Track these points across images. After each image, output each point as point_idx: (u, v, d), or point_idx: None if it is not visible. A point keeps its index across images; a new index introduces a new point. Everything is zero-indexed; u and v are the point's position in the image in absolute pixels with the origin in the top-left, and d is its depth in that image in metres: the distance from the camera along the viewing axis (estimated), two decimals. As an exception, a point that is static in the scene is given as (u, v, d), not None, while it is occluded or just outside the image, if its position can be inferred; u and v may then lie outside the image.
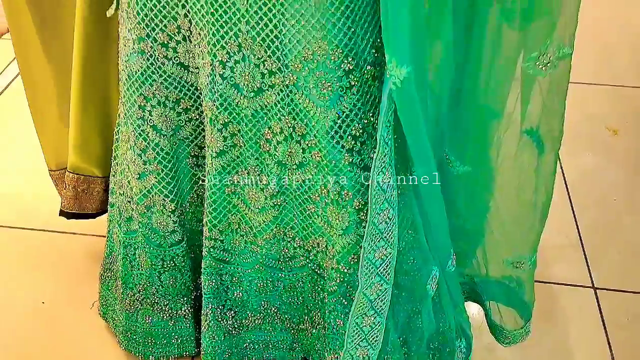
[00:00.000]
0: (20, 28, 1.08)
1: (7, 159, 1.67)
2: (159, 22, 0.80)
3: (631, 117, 1.85)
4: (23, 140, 1.65)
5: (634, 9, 2.41)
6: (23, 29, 1.08)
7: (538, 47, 0.69)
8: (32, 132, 1.21)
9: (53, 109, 1.18)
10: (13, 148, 1.69)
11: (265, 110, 0.82)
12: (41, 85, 1.15)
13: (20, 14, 1.06)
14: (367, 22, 0.74)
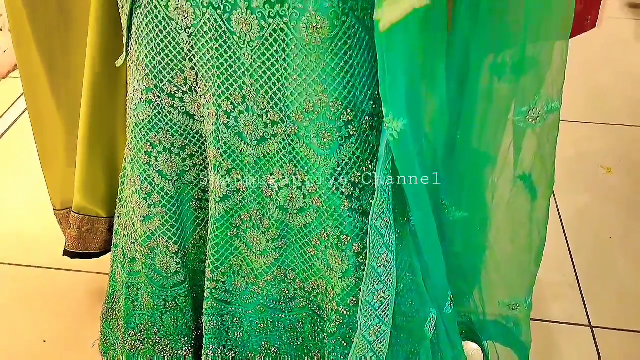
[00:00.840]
0: (30, 72, 1.12)
1: (11, 196, 1.69)
2: (166, 74, 0.83)
3: (624, 156, 1.89)
4: (28, 178, 1.68)
5: (625, 51, 2.48)
6: (33, 74, 1.12)
7: (528, 102, 0.73)
8: (38, 170, 1.24)
9: (60, 151, 1.21)
10: (18, 185, 1.72)
11: (268, 158, 0.85)
12: (49, 127, 1.19)
13: (32, 59, 1.10)
14: (365, 76, 0.78)
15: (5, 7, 1.04)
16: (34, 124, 1.20)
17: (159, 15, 0.79)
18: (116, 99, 1.07)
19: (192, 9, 0.76)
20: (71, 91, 1.11)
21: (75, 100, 1.10)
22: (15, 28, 1.06)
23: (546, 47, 0.73)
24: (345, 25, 0.73)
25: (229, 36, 0.76)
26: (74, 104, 1.11)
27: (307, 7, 0.70)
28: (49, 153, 1.23)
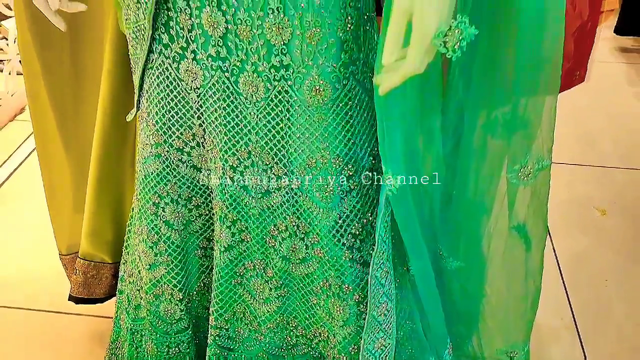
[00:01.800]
0: (42, 121, 1.16)
1: (16, 239, 1.72)
2: (175, 130, 0.87)
3: (618, 198, 1.93)
4: (34, 221, 1.70)
5: (616, 94, 2.54)
6: (45, 122, 1.16)
7: (519, 159, 0.77)
8: (43, 213, 1.27)
9: (68, 197, 1.25)
10: (23, 228, 1.75)
11: (272, 210, 0.88)
12: (58, 174, 1.22)
13: (44, 109, 1.15)
14: (365, 134, 0.82)
15: (21, 57, 1.09)
16: (43, 171, 1.24)
17: (170, 76, 0.83)
18: (125, 149, 1.11)
19: (202, 72, 0.80)
20: (81, 140, 1.15)
21: (84, 149, 1.14)
22: (29, 78, 1.11)
23: (536, 105, 0.78)
24: (346, 88, 0.77)
25: (236, 96, 0.80)
26: (84, 152, 1.15)
27: (310, 71, 0.75)
28: (57, 199, 1.26)
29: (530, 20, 0.70)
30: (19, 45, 1.05)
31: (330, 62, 0.75)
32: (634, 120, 2.36)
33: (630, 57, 2.85)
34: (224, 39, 0.77)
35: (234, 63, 0.78)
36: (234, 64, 0.78)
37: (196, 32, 0.78)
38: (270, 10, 0.72)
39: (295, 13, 0.72)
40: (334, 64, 0.75)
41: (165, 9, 0.78)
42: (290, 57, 0.75)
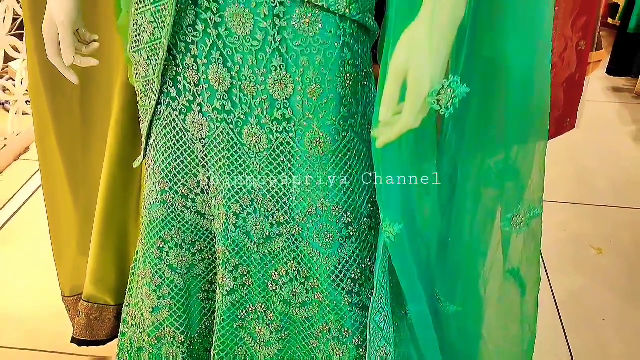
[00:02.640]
0: (50, 165, 1.20)
1: (19, 279, 1.73)
2: (181, 178, 0.91)
3: (613, 236, 1.95)
4: (36, 261, 1.72)
5: (609, 133, 2.60)
6: (53, 167, 1.20)
7: (512, 209, 0.80)
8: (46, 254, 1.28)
9: (73, 239, 1.27)
10: (26, 268, 1.76)
11: (273, 255, 0.91)
12: (64, 218, 1.25)
13: (52, 154, 1.18)
14: (363, 182, 0.85)
15: (31, 103, 1.13)
16: (49, 212, 1.27)
17: (177, 127, 0.87)
18: (130, 195, 1.14)
19: (208, 123, 0.84)
20: (88, 184, 1.18)
21: (91, 193, 1.17)
22: (38, 123, 1.15)
23: (527, 154, 0.81)
24: (345, 140, 0.81)
25: (240, 147, 0.84)
26: (90, 196, 1.18)
27: (311, 124, 0.79)
28: (62, 240, 1.28)
29: (520, 77, 0.74)
30: (29, 91, 1.10)
31: (330, 116, 0.78)
32: (627, 159, 2.40)
33: (622, 96, 2.92)
34: (229, 93, 0.81)
35: (238, 116, 0.82)
36: (239, 116, 0.82)
37: (203, 87, 0.82)
38: (273, 67, 0.76)
39: (297, 71, 0.76)
40: (333, 118, 0.79)
41: (173, 65, 0.82)
42: (292, 111, 0.79)
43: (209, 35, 0.78)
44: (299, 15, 0.73)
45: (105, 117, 1.08)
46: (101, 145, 1.10)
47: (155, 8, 0.76)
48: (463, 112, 0.76)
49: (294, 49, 0.75)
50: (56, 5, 0.83)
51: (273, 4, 0.73)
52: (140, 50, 0.82)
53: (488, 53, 0.72)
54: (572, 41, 1.05)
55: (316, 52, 0.75)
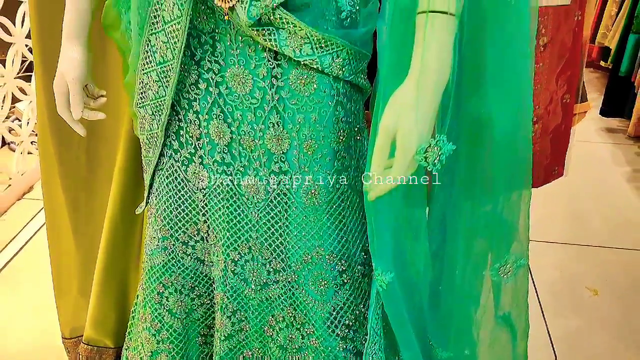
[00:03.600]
0: (55, 209, 1.24)
1: (19, 319, 1.74)
2: (181, 226, 0.94)
3: (608, 277, 1.97)
4: (37, 301, 1.74)
5: (602, 173, 2.64)
6: (57, 211, 1.23)
7: (499, 259, 0.83)
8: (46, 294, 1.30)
9: (74, 281, 1.30)
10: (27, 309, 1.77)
11: (270, 301, 0.94)
12: (66, 259, 1.28)
13: (57, 199, 1.22)
14: (357, 232, 0.89)
15: (39, 151, 1.17)
16: (52, 254, 1.30)
17: (179, 177, 0.91)
18: (132, 240, 1.17)
19: (208, 174, 0.88)
20: (91, 229, 1.22)
21: (93, 237, 1.21)
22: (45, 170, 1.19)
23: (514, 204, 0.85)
24: (339, 192, 0.85)
25: (239, 197, 0.88)
26: (92, 240, 1.21)
27: (306, 177, 0.83)
28: (64, 282, 1.31)
29: (503, 133, 0.78)
30: (38, 139, 1.14)
31: (325, 169, 0.83)
32: (621, 199, 2.44)
33: (616, 137, 2.97)
34: (229, 147, 0.85)
35: (237, 168, 0.86)
36: (238, 168, 0.86)
37: (204, 141, 0.86)
38: (271, 124, 0.81)
39: (293, 127, 0.80)
40: (327, 171, 0.83)
41: (176, 120, 0.87)
42: (288, 164, 0.83)
43: (210, 93, 0.82)
44: (295, 76, 0.78)
45: (109, 165, 1.12)
46: (105, 191, 1.14)
47: (161, 69, 0.81)
48: (451, 166, 0.80)
49: (290, 107, 0.80)
50: (67, 63, 0.88)
51: (271, 66, 0.78)
52: (145, 106, 0.87)
53: (472, 112, 0.77)
54: (557, 94, 1.10)
55: (311, 110, 0.80)
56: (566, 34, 1.04)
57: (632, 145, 2.89)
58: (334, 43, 0.76)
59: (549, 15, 1.02)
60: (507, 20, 0.68)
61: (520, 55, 0.72)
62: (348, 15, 0.78)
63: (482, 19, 0.69)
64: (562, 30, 1.04)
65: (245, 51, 0.78)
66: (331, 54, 0.77)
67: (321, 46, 0.76)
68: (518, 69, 0.73)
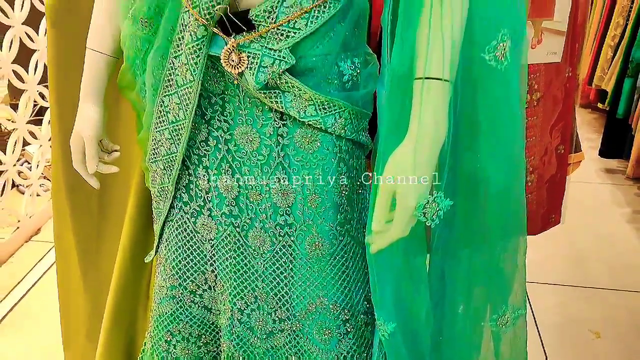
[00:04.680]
0: (65, 256, 1.27)
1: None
2: (189, 275, 0.97)
3: (610, 320, 1.98)
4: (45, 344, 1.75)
5: (602, 214, 2.66)
6: (68, 258, 1.27)
7: (497, 310, 0.86)
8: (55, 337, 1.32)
9: (82, 326, 1.32)
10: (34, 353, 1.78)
11: (275, 350, 0.96)
12: (75, 305, 1.31)
13: (68, 246, 1.26)
14: (359, 282, 0.92)
15: (52, 200, 1.22)
16: (61, 299, 1.32)
17: (188, 229, 0.95)
18: (140, 288, 1.20)
19: (216, 226, 0.92)
20: (100, 276, 1.25)
21: (102, 284, 1.24)
22: (57, 217, 1.23)
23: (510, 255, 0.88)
24: (342, 243, 0.88)
25: (246, 248, 0.91)
26: (101, 287, 1.24)
27: (310, 229, 0.87)
28: (72, 327, 1.33)
29: (497, 187, 0.82)
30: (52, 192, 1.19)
31: (328, 222, 0.86)
32: (622, 241, 2.46)
33: (615, 178, 3.01)
34: (237, 200, 0.89)
35: (244, 220, 0.90)
36: (245, 221, 0.90)
37: (213, 194, 0.90)
38: (277, 179, 0.85)
39: (298, 182, 0.85)
40: (331, 224, 0.86)
41: (187, 175, 0.91)
42: (293, 217, 0.87)
43: (219, 150, 0.87)
44: (300, 135, 0.83)
45: (120, 214, 1.16)
46: (115, 239, 1.18)
47: (173, 127, 0.86)
48: (449, 219, 0.84)
49: (295, 163, 0.84)
50: (84, 122, 0.93)
51: (277, 125, 0.83)
52: (157, 161, 0.91)
53: (468, 169, 0.81)
54: (552, 145, 1.14)
55: (315, 167, 0.84)
56: (558, 89, 1.09)
57: (632, 186, 2.92)
58: (337, 105, 0.81)
59: (541, 72, 1.07)
60: (497, 86, 0.73)
61: (510, 115, 0.76)
62: (349, 79, 0.83)
63: (474, 85, 0.73)
64: (554, 85, 1.09)
65: (253, 111, 0.83)
66: (334, 115, 0.82)
67: (324, 108, 0.81)
68: (509, 128, 0.78)
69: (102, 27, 0.90)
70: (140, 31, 0.83)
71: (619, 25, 3.11)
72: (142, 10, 0.81)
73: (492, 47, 0.69)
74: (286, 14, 0.75)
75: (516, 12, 0.72)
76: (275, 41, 0.76)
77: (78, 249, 1.24)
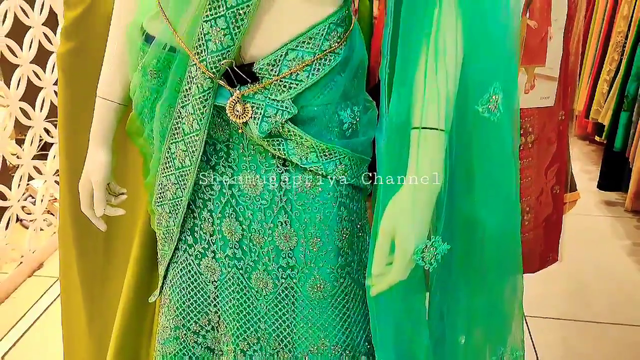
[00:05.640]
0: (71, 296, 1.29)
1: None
2: (193, 316, 0.99)
3: (613, 355, 1.97)
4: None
5: (603, 247, 2.67)
6: (73, 298, 1.29)
7: (496, 352, 0.87)
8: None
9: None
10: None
11: (277, 389, 0.97)
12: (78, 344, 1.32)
13: (74, 286, 1.27)
14: (361, 323, 0.93)
15: (59, 242, 1.24)
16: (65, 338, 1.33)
17: (192, 270, 0.97)
18: (144, 328, 1.21)
19: (220, 268, 0.94)
20: (104, 315, 1.26)
21: (106, 324, 1.25)
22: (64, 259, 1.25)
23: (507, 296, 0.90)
24: (343, 285, 0.90)
25: (249, 290, 0.93)
26: (105, 326, 1.26)
27: (312, 272, 0.89)
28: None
29: (494, 231, 0.85)
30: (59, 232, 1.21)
31: (329, 264, 0.88)
32: (623, 274, 2.46)
33: (615, 210, 3.02)
34: (240, 243, 0.91)
35: (247, 263, 0.92)
36: (248, 263, 0.92)
37: (217, 237, 0.93)
38: (279, 223, 0.88)
39: (300, 226, 0.87)
40: (332, 267, 0.89)
41: (192, 218, 0.94)
42: (295, 260, 0.89)
43: (224, 194, 0.90)
44: (302, 180, 0.86)
45: (126, 255, 1.18)
46: (120, 279, 1.20)
47: (179, 173, 0.89)
48: (447, 261, 0.86)
49: (297, 207, 0.87)
50: (93, 166, 0.96)
51: (280, 171, 0.86)
52: (163, 204, 0.94)
53: (464, 214, 0.83)
54: (547, 186, 1.17)
55: (316, 211, 0.86)
56: (551, 132, 1.13)
57: (631, 219, 2.94)
58: (337, 152, 0.84)
59: (535, 116, 1.11)
60: (490, 136, 0.76)
61: (504, 163, 0.79)
62: (349, 126, 0.86)
63: (469, 135, 0.76)
64: (547, 128, 1.12)
65: (257, 158, 0.86)
66: (334, 161, 0.85)
67: (325, 155, 0.84)
68: (503, 176, 0.81)
69: (112, 76, 0.94)
70: (149, 82, 0.87)
71: (613, 60, 3.17)
72: (152, 63, 0.85)
73: (485, 99, 0.73)
74: (289, 67, 0.79)
75: (507, 66, 0.76)
76: (278, 92, 0.80)
77: (83, 288, 1.26)
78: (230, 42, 0.76)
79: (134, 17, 0.88)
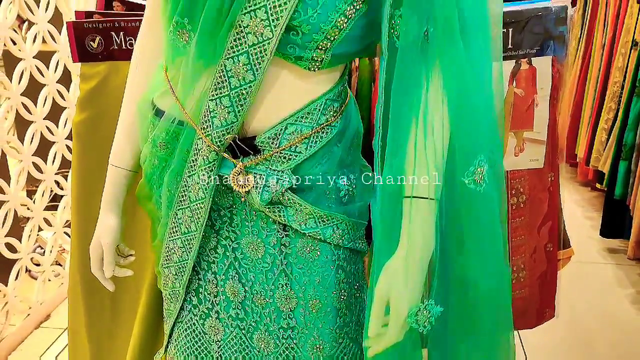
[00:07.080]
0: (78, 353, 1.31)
1: None
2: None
3: (620, 408, 1.96)
4: None
5: (606, 295, 2.67)
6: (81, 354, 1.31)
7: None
8: None
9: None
10: None
11: None
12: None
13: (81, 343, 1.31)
14: (359, 381, 0.96)
15: (68, 301, 1.28)
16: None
17: (196, 330, 1.00)
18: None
19: (223, 328, 0.98)
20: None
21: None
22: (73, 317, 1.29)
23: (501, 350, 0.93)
24: (342, 345, 0.94)
25: (251, 349, 0.96)
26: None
27: (312, 332, 0.92)
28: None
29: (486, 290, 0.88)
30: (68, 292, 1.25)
31: (328, 325, 0.92)
32: (627, 323, 2.45)
33: (618, 258, 3.03)
34: (243, 304, 0.95)
35: (250, 323, 0.95)
36: (250, 323, 0.95)
37: (220, 298, 0.96)
38: (280, 285, 0.92)
39: (300, 288, 0.91)
40: (331, 327, 0.92)
41: (197, 279, 0.98)
42: (295, 321, 0.93)
43: (227, 257, 0.94)
44: (301, 245, 0.90)
45: (132, 313, 1.22)
46: (126, 336, 1.23)
47: (185, 237, 0.94)
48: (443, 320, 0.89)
49: (297, 270, 0.91)
50: (104, 229, 1.01)
51: (280, 236, 0.90)
52: (170, 267, 0.98)
53: (456, 274, 0.87)
54: (540, 244, 1.21)
55: (315, 274, 0.91)
56: (542, 192, 1.18)
57: (634, 266, 2.94)
58: (335, 217, 0.89)
59: (525, 177, 1.16)
60: (477, 206, 0.80)
61: (492, 230, 0.84)
62: (346, 193, 0.91)
63: (457, 204, 0.81)
64: (537, 189, 1.17)
65: (258, 223, 0.91)
66: (332, 227, 0.89)
67: (323, 220, 0.89)
68: (491, 242, 0.85)
69: (123, 146, 1.00)
70: (158, 152, 0.93)
71: (611, 110, 3.24)
72: (161, 135, 0.91)
73: (470, 172, 0.78)
74: (288, 140, 0.85)
75: (491, 139, 0.81)
76: (278, 163, 0.85)
77: (91, 346, 1.29)
78: (234, 118, 0.82)
79: (145, 93, 0.94)
